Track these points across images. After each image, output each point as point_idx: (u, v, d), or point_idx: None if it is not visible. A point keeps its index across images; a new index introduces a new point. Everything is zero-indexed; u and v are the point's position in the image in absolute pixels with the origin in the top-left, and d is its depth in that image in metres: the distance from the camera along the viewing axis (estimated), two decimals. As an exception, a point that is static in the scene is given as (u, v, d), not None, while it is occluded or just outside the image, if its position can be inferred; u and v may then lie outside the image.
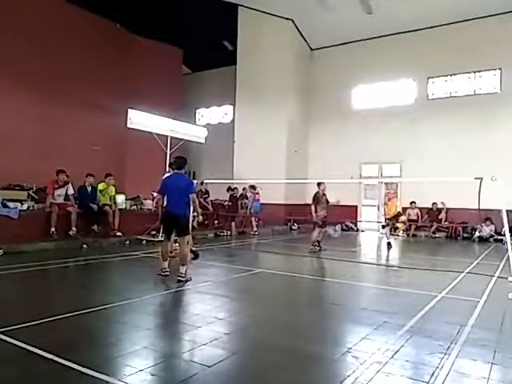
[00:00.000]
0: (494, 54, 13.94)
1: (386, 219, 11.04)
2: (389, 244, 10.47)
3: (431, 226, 13.88)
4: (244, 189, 13.80)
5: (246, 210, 13.40)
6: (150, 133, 9.80)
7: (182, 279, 5.57)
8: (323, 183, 9.49)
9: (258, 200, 13.67)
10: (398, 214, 11.12)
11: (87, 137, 13.68)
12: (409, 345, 3.31)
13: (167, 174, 7.00)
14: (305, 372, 2.80)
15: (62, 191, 8.99)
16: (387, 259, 9.16)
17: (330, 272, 6.86)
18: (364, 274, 7.29)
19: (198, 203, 6.30)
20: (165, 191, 5.98)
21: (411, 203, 14.11)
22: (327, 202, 9.56)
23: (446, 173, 13.21)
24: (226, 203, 13.75)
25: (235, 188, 13.65)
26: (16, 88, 11.98)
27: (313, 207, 9.30)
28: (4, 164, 10.81)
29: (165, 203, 6.11)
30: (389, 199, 11.28)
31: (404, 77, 15.70)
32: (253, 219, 13.32)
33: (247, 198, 13.61)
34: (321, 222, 9.42)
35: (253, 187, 13.50)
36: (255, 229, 13.30)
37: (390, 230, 11.86)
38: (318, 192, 9.44)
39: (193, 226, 10.33)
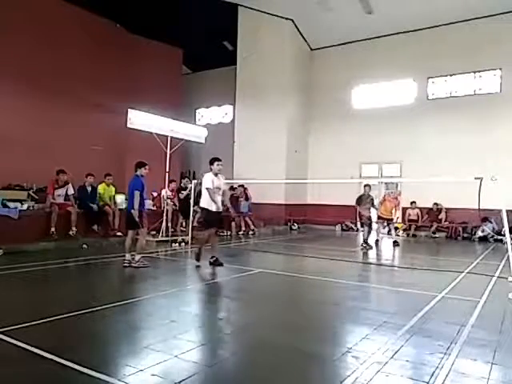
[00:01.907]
0: (494, 53, 13.94)
1: (378, 217, 11.34)
2: (395, 242, 10.89)
3: (431, 226, 13.88)
4: (234, 188, 13.69)
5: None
6: (150, 133, 9.81)
7: (133, 265, 6.41)
8: (369, 185, 10.35)
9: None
10: (391, 219, 11.37)
11: (87, 137, 13.67)
12: (409, 345, 3.31)
13: (208, 175, 6.87)
14: (305, 372, 2.80)
15: (62, 191, 9.01)
16: (387, 259, 9.17)
17: (330, 272, 6.85)
18: (364, 273, 7.29)
19: (136, 201, 6.64)
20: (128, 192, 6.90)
21: (411, 203, 14.11)
22: (372, 202, 10.35)
23: (446, 173, 13.22)
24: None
25: (236, 188, 13.65)
26: (16, 88, 11.97)
27: (357, 208, 10.25)
28: (4, 164, 10.81)
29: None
30: (384, 200, 11.41)
31: (404, 77, 15.70)
32: (247, 219, 13.30)
33: (247, 199, 13.61)
34: (367, 221, 10.25)
35: (242, 186, 13.56)
36: (252, 227, 13.25)
37: (390, 231, 11.98)
38: (362, 194, 10.31)
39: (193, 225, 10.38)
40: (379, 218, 11.30)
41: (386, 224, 11.51)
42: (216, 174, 6.88)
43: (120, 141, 14.59)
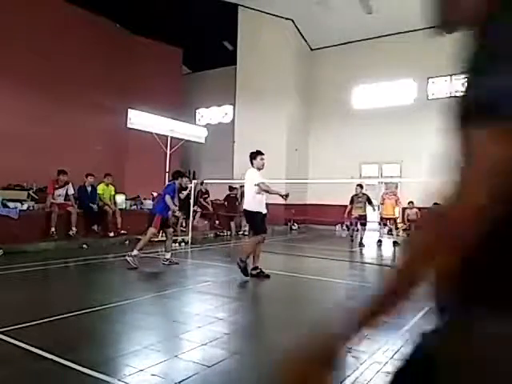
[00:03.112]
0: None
1: (381, 218, 11.39)
2: (379, 241, 11.12)
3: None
4: (234, 188, 13.57)
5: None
6: (150, 133, 9.81)
7: (128, 258, 6.28)
8: (361, 185, 10.68)
9: None
10: (394, 218, 11.44)
11: (87, 137, 13.68)
12: (409, 344, 3.30)
13: (252, 170, 6.31)
14: (305, 372, 2.79)
15: (62, 191, 9.00)
16: (387, 259, 9.16)
17: (330, 272, 6.85)
18: (364, 273, 7.29)
19: (170, 203, 6.73)
20: None
21: (409, 203, 14.09)
22: (369, 201, 10.57)
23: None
24: (220, 203, 13.67)
25: (235, 188, 13.61)
26: (16, 88, 11.97)
27: (348, 207, 10.71)
28: (4, 164, 10.81)
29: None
30: (383, 199, 11.48)
31: (404, 77, 15.71)
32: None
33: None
34: (354, 221, 10.51)
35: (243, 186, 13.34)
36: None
37: (390, 230, 12.00)
38: (355, 194, 10.58)
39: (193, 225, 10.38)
40: (382, 218, 11.38)
41: (389, 224, 11.58)
42: (259, 170, 6.19)
43: (120, 141, 14.60)
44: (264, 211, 6.17)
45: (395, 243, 10.90)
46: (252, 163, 6.23)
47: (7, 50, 11.75)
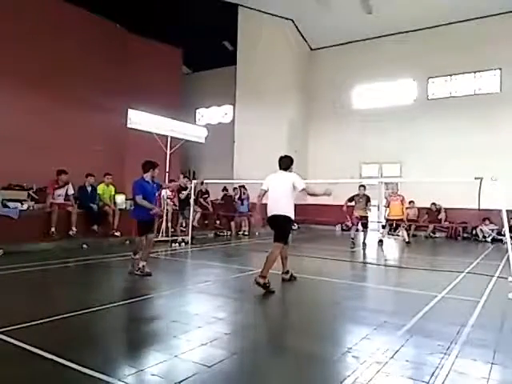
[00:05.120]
0: (494, 53, 13.95)
1: (386, 220, 11.40)
2: (381, 241, 11.21)
3: (434, 226, 13.86)
4: (235, 189, 13.55)
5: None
6: (150, 133, 9.80)
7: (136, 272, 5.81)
8: (364, 186, 10.57)
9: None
10: (400, 220, 11.44)
11: (87, 137, 13.65)
12: (409, 345, 3.31)
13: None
14: (305, 372, 2.79)
15: (62, 191, 9.00)
16: (387, 259, 9.16)
17: (330, 272, 6.85)
18: (364, 273, 7.29)
19: (146, 204, 6.00)
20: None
21: (409, 203, 14.10)
22: (368, 201, 10.47)
23: (446, 173, 13.21)
24: (218, 202, 13.66)
25: (235, 188, 13.60)
26: (15, 88, 11.96)
27: (345, 202, 10.52)
28: (4, 164, 10.80)
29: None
30: (389, 202, 11.52)
31: (404, 77, 15.71)
32: (245, 218, 13.20)
33: (243, 199, 13.39)
34: (356, 221, 10.49)
35: (243, 187, 13.38)
36: (245, 228, 13.18)
37: (390, 231, 12.03)
38: (356, 194, 10.50)
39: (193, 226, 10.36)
40: (388, 220, 11.43)
41: (394, 225, 11.67)
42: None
43: (120, 141, 14.58)
44: None
45: (408, 243, 11.22)
46: (288, 168, 5.83)
47: (7, 49, 11.74)
